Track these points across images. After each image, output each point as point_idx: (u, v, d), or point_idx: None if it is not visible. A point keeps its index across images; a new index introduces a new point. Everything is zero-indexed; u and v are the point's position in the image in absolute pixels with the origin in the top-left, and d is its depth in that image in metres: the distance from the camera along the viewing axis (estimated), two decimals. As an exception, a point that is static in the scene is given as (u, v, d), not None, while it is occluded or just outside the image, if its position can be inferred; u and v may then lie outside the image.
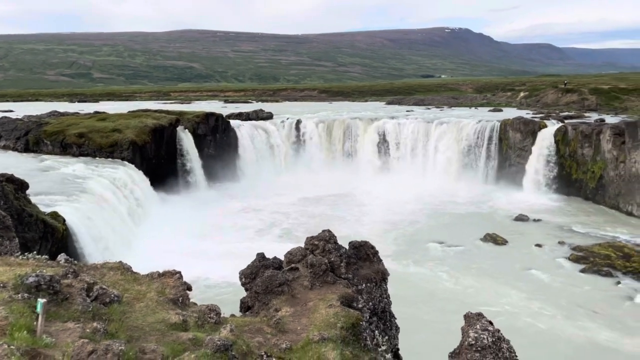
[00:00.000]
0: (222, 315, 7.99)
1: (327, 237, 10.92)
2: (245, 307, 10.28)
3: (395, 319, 10.18)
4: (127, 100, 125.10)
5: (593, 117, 63.31)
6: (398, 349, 9.99)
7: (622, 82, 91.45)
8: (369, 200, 54.05)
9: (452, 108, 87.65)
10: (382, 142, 67.03)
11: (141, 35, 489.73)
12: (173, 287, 8.54)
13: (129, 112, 62.59)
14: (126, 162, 46.97)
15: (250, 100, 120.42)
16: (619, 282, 32.49)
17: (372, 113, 77.20)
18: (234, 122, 66.69)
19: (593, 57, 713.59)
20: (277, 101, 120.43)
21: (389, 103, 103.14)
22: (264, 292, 9.43)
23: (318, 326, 7.59)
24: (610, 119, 58.88)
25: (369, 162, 66.21)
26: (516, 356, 6.54)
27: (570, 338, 25.67)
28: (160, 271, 9.24)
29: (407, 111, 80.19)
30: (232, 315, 9.06)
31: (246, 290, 10.49)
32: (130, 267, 9.61)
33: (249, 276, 10.54)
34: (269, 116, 72.38)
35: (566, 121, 59.68)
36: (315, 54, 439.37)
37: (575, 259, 36.30)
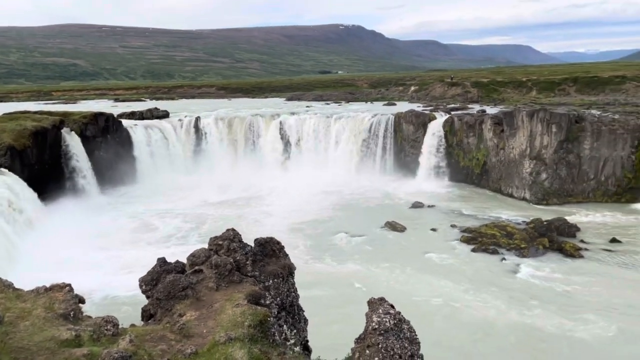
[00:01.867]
0: (120, 327, 7.51)
1: (232, 236, 10.72)
2: (147, 315, 9.77)
3: (304, 311, 10.28)
4: (1, 101, 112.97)
5: (476, 108, 68.68)
6: (307, 341, 10.10)
7: (499, 76, 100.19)
8: (274, 196, 54.08)
9: (350, 103, 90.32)
10: (285, 138, 67.33)
11: (14, 29, 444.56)
12: (63, 301, 7.87)
13: (4, 114, 56.56)
14: (4, 170, 42.48)
15: (143, 99, 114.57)
16: (504, 258, 35.69)
17: (273, 109, 77.19)
18: (126, 122, 63.04)
19: (473, 52, 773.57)
20: (172, 99, 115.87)
21: (289, 99, 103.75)
22: (166, 297, 9.03)
23: (225, 327, 7.43)
24: (491, 110, 64.29)
25: (272, 159, 66.18)
26: (416, 335, 6.91)
27: (464, 310, 27.76)
28: (48, 285, 8.47)
29: (307, 107, 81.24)
30: (132, 326, 8.56)
31: (147, 297, 9.97)
32: (12, 284, 8.70)
33: (149, 283, 10.04)
34: (164, 115, 69.40)
35: (452, 113, 64.11)
36: (212, 50, 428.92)
37: (466, 240, 39.24)
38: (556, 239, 37.86)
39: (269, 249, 10.60)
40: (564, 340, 24.69)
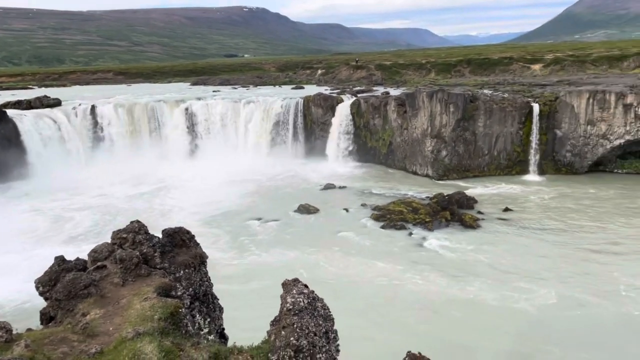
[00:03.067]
0: (15, 332, 6.90)
1: (137, 228, 10.22)
2: (46, 318, 9.08)
3: (218, 299, 10.11)
4: None
5: (380, 90, 70.96)
6: (223, 329, 9.98)
7: (400, 59, 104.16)
8: (183, 187, 52.34)
9: (258, 87, 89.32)
10: (191, 125, 65.14)
11: None
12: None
13: None
14: None
15: (30, 86, 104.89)
16: (411, 233, 37.60)
17: (178, 95, 74.24)
18: (12, 112, 57.46)
19: (376, 36, 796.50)
20: (64, 86, 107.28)
21: (194, 84, 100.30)
22: (67, 297, 8.43)
23: (133, 322, 7.10)
24: (394, 92, 66.78)
25: (178, 146, 63.81)
26: (330, 312, 7.08)
27: (373, 281, 28.98)
28: None
29: (214, 91, 79.12)
30: (29, 330, 7.91)
31: (46, 299, 9.24)
32: None
33: (47, 283, 9.30)
34: (56, 103, 64.09)
35: (359, 95, 65.76)
36: (106, 33, 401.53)
37: (376, 218, 40.77)
38: (457, 212, 40.53)
39: (179, 239, 10.26)
40: (505, 311, 26.31)
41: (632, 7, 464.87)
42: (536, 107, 52.68)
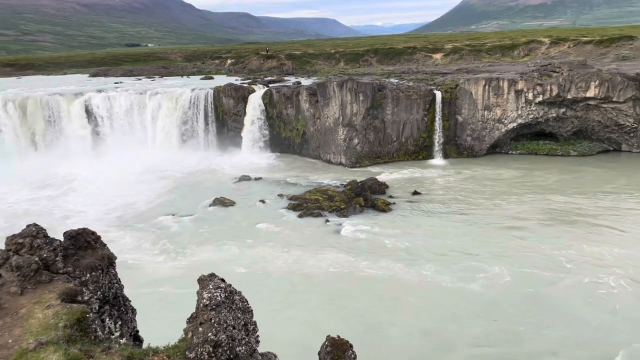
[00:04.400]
0: None
1: (34, 232, 9.44)
2: None
3: (130, 301, 9.66)
4: None
5: (292, 80, 71.12)
6: (137, 331, 9.57)
7: (310, 48, 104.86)
8: (88, 185, 49.16)
9: (164, 78, 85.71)
10: (92, 119, 61.14)
11: None
12: None
13: None
14: None
15: None
16: (327, 220, 38.32)
17: (76, 87, 69.22)
18: None
19: (285, 25, 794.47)
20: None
21: (93, 75, 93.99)
22: (-45, 313, 7.60)
23: (35, 332, 6.59)
24: (305, 81, 67.25)
25: (80, 143, 59.67)
26: (248, 304, 7.04)
27: (292, 269, 29.26)
28: None
29: (116, 83, 74.75)
30: None
31: None
32: None
33: None
34: None
35: (270, 85, 65.44)
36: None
37: (293, 207, 41.03)
38: (370, 197, 41.92)
39: (83, 241, 9.63)
40: (424, 289, 27.58)
41: None
42: (439, 95, 55.62)
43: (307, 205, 40.84)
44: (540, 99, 53.34)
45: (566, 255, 30.31)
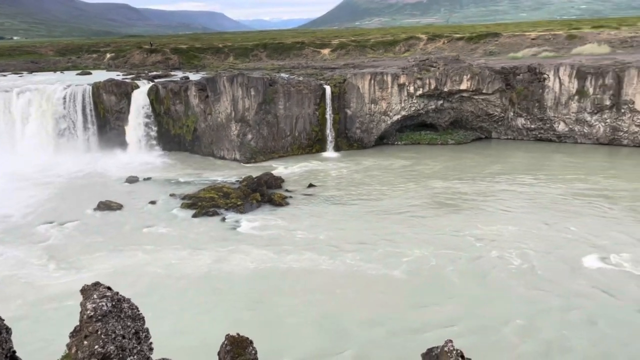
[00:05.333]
0: None
1: None
2: None
3: (4, 320, 8.71)
4: None
5: (179, 75, 68.46)
6: (14, 352, 8.67)
7: (197, 42, 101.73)
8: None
9: (34, 73, 77.93)
10: (-53, 121, 53.81)
11: None
12: None
13: None
14: None
15: None
16: (224, 218, 37.63)
17: None
18: None
19: (169, 18, 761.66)
20: None
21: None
22: None
23: None
24: (194, 76, 65.12)
25: None
26: (138, 311, 6.69)
27: (189, 271, 28.39)
28: None
29: (-25, 80, 66.45)
30: None
31: None
32: None
33: None
34: None
35: (156, 80, 62.44)
36: None
37: (186, 207, 39.68)
38: (266, 192, 41.90)
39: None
40: (324, 276, 27.89)
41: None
42: (328, 89, 57.04)
43: (201, 203, 39.74)
44: (420, 92, 56.94)
45: (472, 235, 32.55)
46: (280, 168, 50.57)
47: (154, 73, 71.53)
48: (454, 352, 10.45)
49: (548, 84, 55.35)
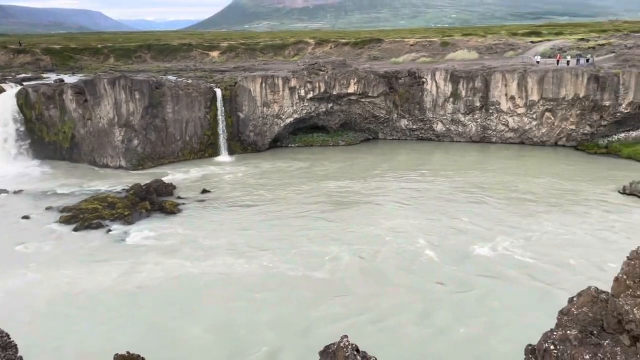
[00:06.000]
0: None
1: None
2: None
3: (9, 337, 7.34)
4: None
5: (52, 77, 62.84)
6: None
7: (72, 42, 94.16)
8: None
9: None
10: None
11: None
12: None
13: None
14: None
15: None
16: (109, 230, 35.20)
17: None
18: None
19: (39, 16, 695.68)
20: None
21: None
22: None
23: None
24: (69, 79, 60.12)
25: None
26: (10, 339, 5.98)
27: (72, 290, 26.18)
28: None
29: None
30: None
31: None
32: None
33: None
34: None
35: (25, 83, 56.74)
36: None
37: (66, 220, 36.51)
38: (157, 200, 39.96)
39: None
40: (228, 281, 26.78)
41: (286, 1, 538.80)
42: (219, 92, 55.97)
43: (83, 216, 36.78)
44: (311, 95, 58.09)
45: (381, 230, 33.73)
46: (171, 174, 48.56)
47: (23, 75, 65.01)
48: (349, 346, 10.78)
49: (426, 87, 59.47)
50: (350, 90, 58.88)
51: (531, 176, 45.19)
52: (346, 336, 11.06)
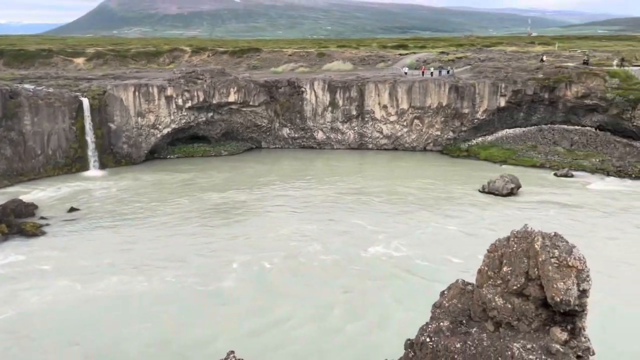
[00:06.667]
0: None
1: None
2: None
3: None
4: None
5: None
6: None
7: None
8: None
9: None
10: None
11: None
12: None
13: None
14: None
15: None
16: (-43, 259, 30.69)
17: None
18: None
19: None
20: None
21: None
22: None
23: None
24: None
25: None
26: None
27: None
28: None
29: None
30: None
31: None
32: None
33: None
34: None
35: None
36: None
37: None
38: (15, 222, 35.74)
39: None
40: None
41: (160, 7, 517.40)
42: (86, 102, 51.89)
43: None
44: (189, 104, 56.35)
45: (277, 236, 34.20)
46: (32, 193, 43.75)
47: None
48: (236, 360, 10.56)
49: (306, 97, 60.91)
50: (231, 99, 58.21)
51: (407, 179, 48.35)
52: (232, 352, 10.78)
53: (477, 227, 35.87)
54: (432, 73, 62.06)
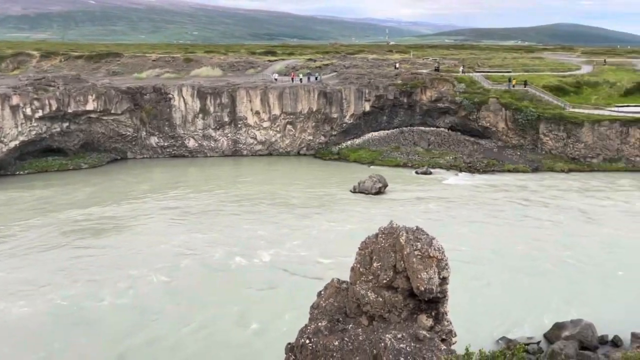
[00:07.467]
0: None
1: None
2: None
3: None
4: None
5: None
6: None
7: None
8: None
9: None
10: None
11: None
12: None
13: None
14: None
15: None
16: None
17: None
18: None
19: None
20: None
21: None
22: None
23: None
24: None
25: None
26: None
27: None
28: None
29: None
30: None
31: None
32: None
33: None
34: None
35: None
36: None
37: None
38: None
39: None
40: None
41: (0, 7, 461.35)
42: None
43: None
44: (40, 114, 51.00)
45: (171, 247, 32.98)
46: None
47: None
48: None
49: (174, 103, 58.58)
50: (89, 107, 53.88)
51: (286, 184, 48.80)
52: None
53: (351, 226, 37.44)
54: (301, 79, 63.58)
